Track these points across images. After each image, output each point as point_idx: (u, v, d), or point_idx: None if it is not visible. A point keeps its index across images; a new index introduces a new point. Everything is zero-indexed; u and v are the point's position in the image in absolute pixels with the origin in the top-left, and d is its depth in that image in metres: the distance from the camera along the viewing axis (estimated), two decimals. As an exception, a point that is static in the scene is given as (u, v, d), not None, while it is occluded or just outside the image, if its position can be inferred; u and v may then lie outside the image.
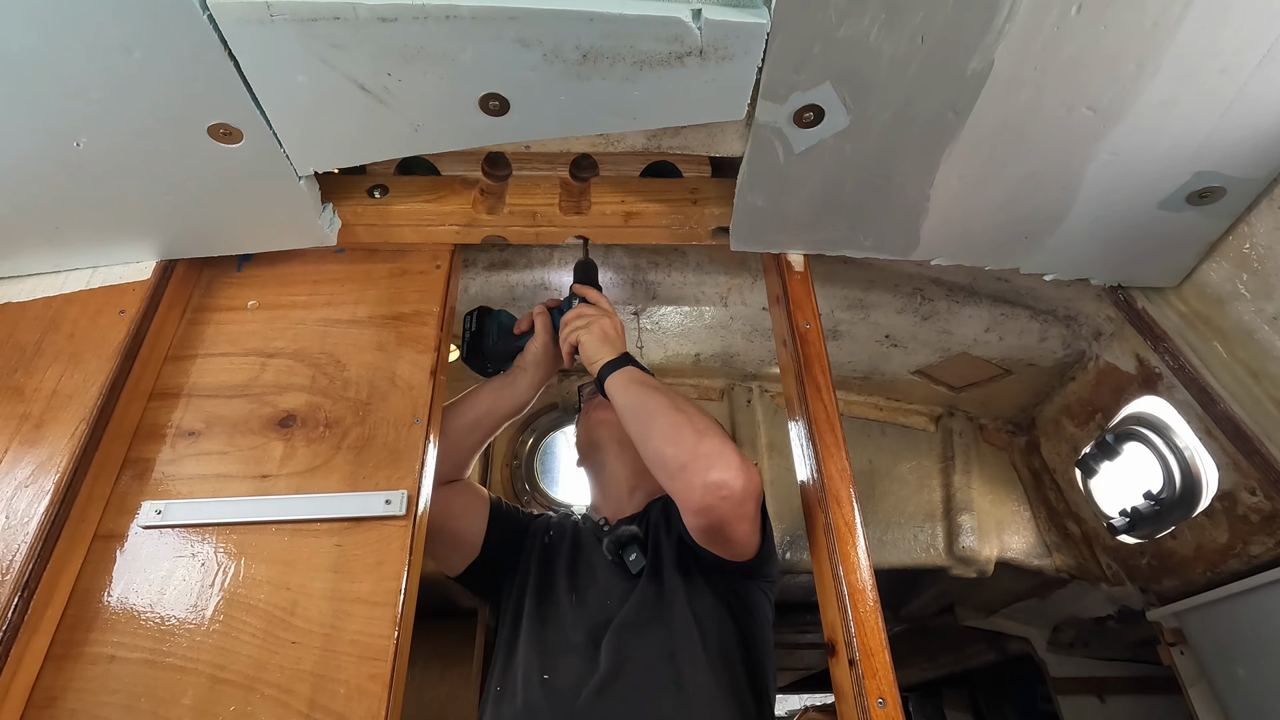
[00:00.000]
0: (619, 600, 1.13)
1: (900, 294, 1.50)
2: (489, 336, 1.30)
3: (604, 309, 1.21)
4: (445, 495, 1.22)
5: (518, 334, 1.29)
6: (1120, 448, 1.53)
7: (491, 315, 1.33)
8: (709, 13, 0.79)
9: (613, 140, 1.11)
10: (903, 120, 0.93)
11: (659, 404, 1.04)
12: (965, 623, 2.55)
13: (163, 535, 0.96)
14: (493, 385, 1.27)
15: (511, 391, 1.26)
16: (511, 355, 1.29)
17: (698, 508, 0.97)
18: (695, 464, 0.96)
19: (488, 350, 1.30)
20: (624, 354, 1.15)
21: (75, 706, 0.85)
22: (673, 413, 1.02)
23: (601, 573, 1.20)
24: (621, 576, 1.17)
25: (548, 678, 1.05)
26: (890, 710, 0.81)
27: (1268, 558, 1.35)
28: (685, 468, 0.97)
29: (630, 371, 1.11)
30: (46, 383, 1.02)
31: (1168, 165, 0.98)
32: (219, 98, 0.87)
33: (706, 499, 0.96)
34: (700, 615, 1.09)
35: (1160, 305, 1.23)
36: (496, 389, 1.26)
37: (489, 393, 1.26)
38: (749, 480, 0.96)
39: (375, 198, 1.21)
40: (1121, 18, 0.80)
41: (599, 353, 1.14)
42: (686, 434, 0.99)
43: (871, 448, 1.92)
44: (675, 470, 0.99)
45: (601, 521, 1.31)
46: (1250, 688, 1.41)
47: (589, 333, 1.16)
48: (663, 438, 1.01)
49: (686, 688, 1.01)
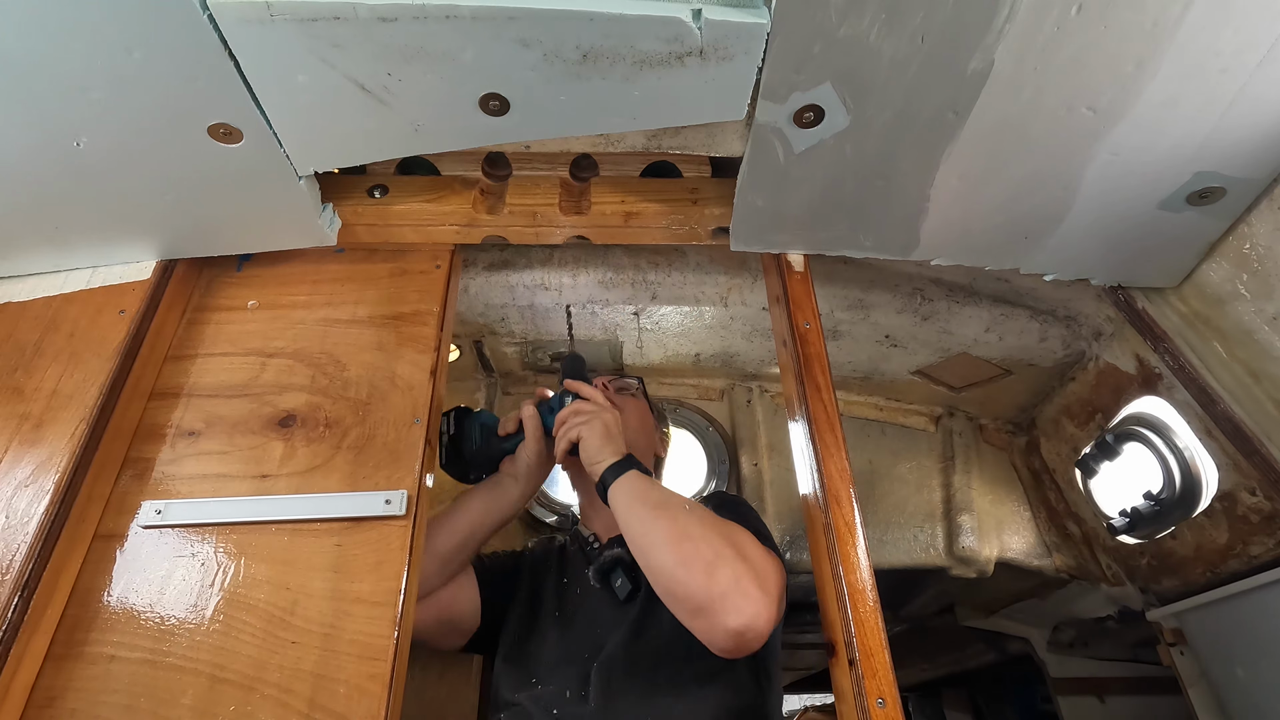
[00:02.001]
0: (608, 628, 1.11)
1: (900, 294, 1.50)
2: (470, 440, 1.21)
3: (601, 404, 1.17)
4: (435, 595, 1.17)
5: (503, 436, 1.21)
6: (1120, 448, 1.53)
7: (471, 417, 1.23)
8: (709, 13, 0.79)
9: (613, 140, 1.11)
10: (903, 120, 0.93)
11: (665, 531, 0.97)
12: (965, 623, 2.54)
13: (163, 535, 0.96)
14: (480, 497, 1.20)
15: (503, 504, 1.19)
16: (497, 460, 1.22)
17: (722, 649, 0.92)
18: (712, 608, 0.90)
19: (470, 456, 1.20)
20: (627, 456, 1.09)
21: (75, 706, 0.85)
22: (680, 543, 0.95)
23: (590, 600, 1.18)
24: (609, 603, 1.15)
25: (538, 710, 1.04)
26: (890, 710, 0.81)
27: (1268, 558, 1.35)
28: (702, 611, 0.91)
29: (634, 480, 1.05)
30: (46, 382, 1.02)
31: (1168, 165, 0.98)
32: (219, 98, 0.86)
33: (729, 643, 0.91)
34: (692, 640, 0.99)
35: (1160, 305, 1.23)
36: (485, 501, 1.19)
37: (478, 506, 1.19)
38: (770, 610, 0.90)
39: (375, 198, 1.21)
40: (1121, 18, 0.80)
41: (601, 453, 1.09)
42: (697, 570, 0.92)
43: (871, 448, 1.91)
44: (692, 612, 0.93)
45: (591, 538, 1.26)
46: (1250, 688, 1.41)
47: (590, 429, 1.11)
48: (671, 575, 0.94)
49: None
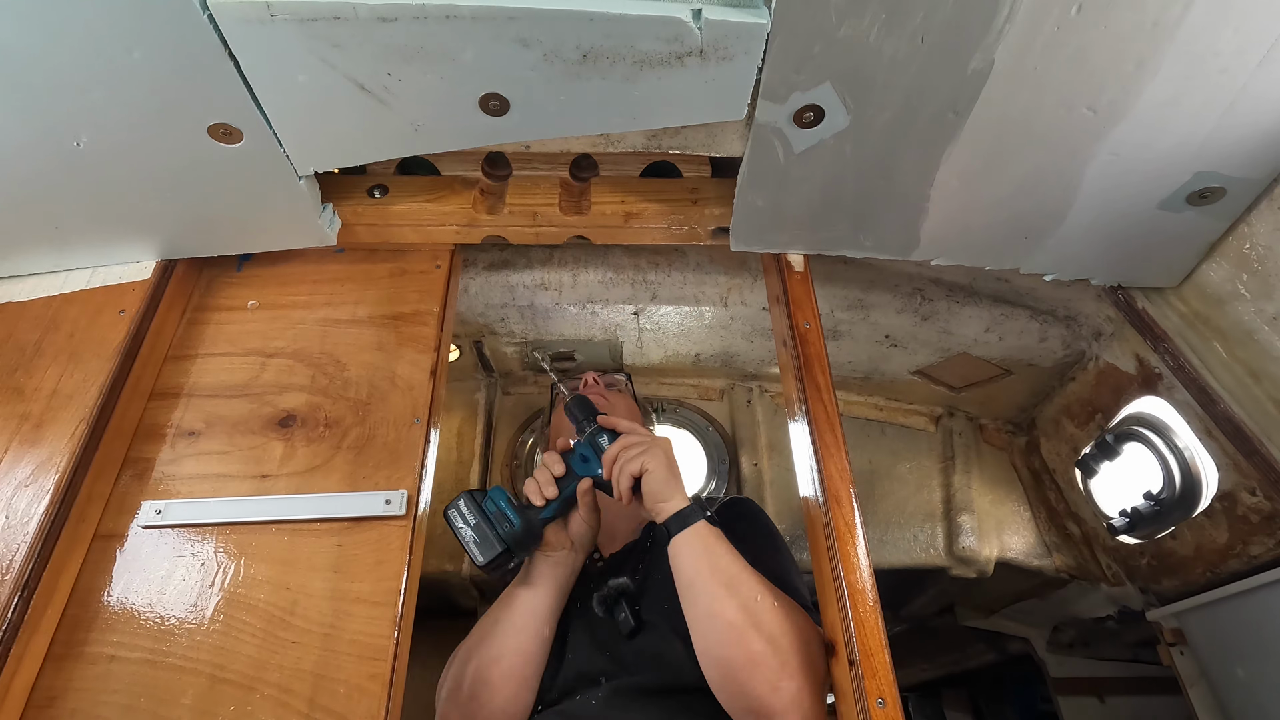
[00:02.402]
0: (615, 652, 1.04)
1: (900, 294, 1.50)
2: (504, 523, 1.01)
3: (647, 434, 1.05)
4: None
5: (540, 505, 1.04)
6: (1120, 448, 1.53)
7: (486, 497, 1.04)
8: (709, 13, 0.79)
9: (613, 140, 1.11)
10: (903, 120, 0.93)
11: (735, 617, 0.89)
12: (965, 623, 2.54)
13: (163, 535, 0.96)
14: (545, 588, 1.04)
15: (570, 578, 1.07)
16: (540, 533, 1.04)
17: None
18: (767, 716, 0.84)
19: (514, 540, 1.01)
20: (694, 501, 0.99)
21: (75, 706, 0.85)
22: (749, 640, 0.87)
23: (588, 617, 1.09)
24: (614, 632, 1.05)
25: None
26: (890, 710, 0.81)
27: (1268, 558, 1.35)
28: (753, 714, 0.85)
29: (704, 536, 0.95)
30: (46, 382, 1.02)
31: (1168, 165, 0.98)
32: (219, 98, 0.87)
33: None
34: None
35: (1160, 305, 1.23)
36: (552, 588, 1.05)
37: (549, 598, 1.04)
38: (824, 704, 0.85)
39: (375, 198, 1.21)
40: (1121, 18, 0.80)
41: (667, 490, 0.98)
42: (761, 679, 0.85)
43: (871, 448, 1.92)
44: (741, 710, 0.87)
45: (595, 556, 1.20)
46: (1250, 688, 1.41)
47: (654, 459, 0.99)
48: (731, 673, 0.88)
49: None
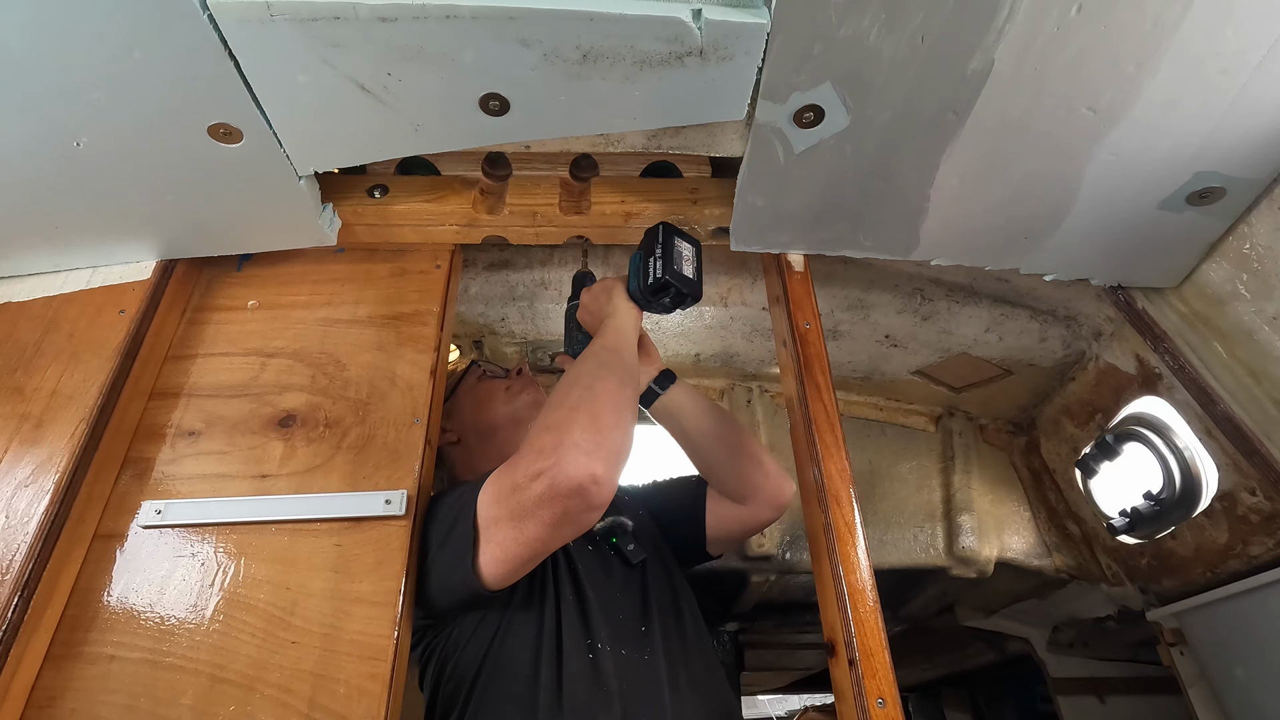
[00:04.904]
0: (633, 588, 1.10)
1: (900, 294, 1.50)
2: (644, 274, 1.08)
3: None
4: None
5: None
6: (1120, 448, 1.53)
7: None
8: (709, 13, 0.79)
9: (613, 140, 1.11)
10: (903, 120, 0.93)
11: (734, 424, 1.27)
12: (965, 623, 2.54)
13: (162, 535, 0.96)
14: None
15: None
16: (700, 295, 1.10)
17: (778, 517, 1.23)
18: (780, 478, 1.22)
19: (696, 285, 1.07)
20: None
21: (75, 706, 0.85)
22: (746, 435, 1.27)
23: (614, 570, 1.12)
24: (620, 561, 1.14)
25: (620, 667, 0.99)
26: (890, 710, 0.81)
27: (1268, 558, 1.35)
28: (769, 479, 1.21)
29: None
30: (46, 382, 1.02)
31: (1168, 165, 0.98)
32: (219, 98, 0.86)
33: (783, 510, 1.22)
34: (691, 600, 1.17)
35: (1160, 305, 1.23)
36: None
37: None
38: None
39: (375, 198, 1.20)
40: (1121, 18, 0.80)
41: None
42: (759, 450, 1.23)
43: (871, 448, 1.91)
44: (761, 481, 1.21)
45: None
46: (1250, 688, 1.41)
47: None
48: (747, 447, 1.23)
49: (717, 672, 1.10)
